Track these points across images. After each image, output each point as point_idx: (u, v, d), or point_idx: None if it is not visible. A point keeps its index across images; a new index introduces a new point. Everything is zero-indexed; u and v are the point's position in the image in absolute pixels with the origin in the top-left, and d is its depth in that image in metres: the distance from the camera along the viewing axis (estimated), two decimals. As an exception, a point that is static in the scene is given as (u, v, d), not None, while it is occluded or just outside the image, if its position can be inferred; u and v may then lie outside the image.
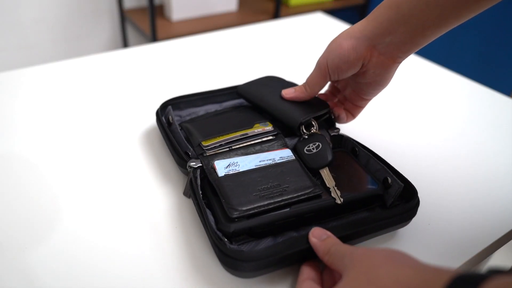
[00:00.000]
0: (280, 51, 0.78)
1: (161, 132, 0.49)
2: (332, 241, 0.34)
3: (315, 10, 1.79)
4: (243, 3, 1.84)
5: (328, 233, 0.35)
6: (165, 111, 0.52)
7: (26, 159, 0.48)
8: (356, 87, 0.48)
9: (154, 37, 1.50)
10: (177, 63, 0.72)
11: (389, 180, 0.42)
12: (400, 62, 0.44)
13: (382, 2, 0.41)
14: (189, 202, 0.44)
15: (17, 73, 0.66)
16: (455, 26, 0.39)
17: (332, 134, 0.49)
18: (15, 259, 0.37)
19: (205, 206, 0.38)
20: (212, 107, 0.55)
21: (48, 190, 0.44)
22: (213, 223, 0.37)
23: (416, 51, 0.42)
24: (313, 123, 0.48)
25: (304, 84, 0.48)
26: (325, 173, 0.43)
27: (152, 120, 0.56)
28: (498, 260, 1.25)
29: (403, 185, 0.41)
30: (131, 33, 1.83)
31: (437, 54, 1.70)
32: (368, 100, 0.49)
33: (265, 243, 0.37)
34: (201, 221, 0.39)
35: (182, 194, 0.44)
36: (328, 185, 0.42)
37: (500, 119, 0.61)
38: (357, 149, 0.47)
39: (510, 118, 0.62)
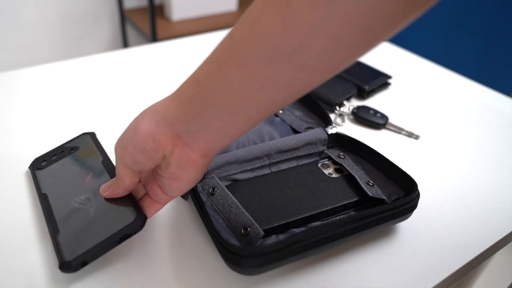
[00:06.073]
0: (280, 51, 0.78)
1: None
2: None
3: (315, 10, 1.78)
4: (243, 3, 1.84)
5: None
6: None
7: (24, 159, 0.48)
8: (157, 179, 0.35)
9: (154, 37, 1.50)
10: (177, 63, 0.72)
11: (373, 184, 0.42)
12: (212, 157, 0.33)
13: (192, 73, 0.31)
14: (188, 204, 0.44)
15: (16, 73, 0.66)
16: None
17: (330, 132, 0.49)
18: (15, 259, 0.37)
19: (206, 207, 0.38)
20: None
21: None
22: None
23: (230, 143, 0.33)
24: (345, 103, 0.59)
25: (116, 178, 0.36)
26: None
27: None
28: (499, 261, 1.25)
29: (384, 198, 0.41)
30: (131, 33, 1.83)
31: (437, 54, 1.70)
32: (171, 198, 0.36)
33: (269, 241, 0.37)
34: (203, 221, 0.39)
35: (180, 197, 0.44)
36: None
37: (500, 119, 0.61)
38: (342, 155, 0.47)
39: (510, 118, 0.62)
